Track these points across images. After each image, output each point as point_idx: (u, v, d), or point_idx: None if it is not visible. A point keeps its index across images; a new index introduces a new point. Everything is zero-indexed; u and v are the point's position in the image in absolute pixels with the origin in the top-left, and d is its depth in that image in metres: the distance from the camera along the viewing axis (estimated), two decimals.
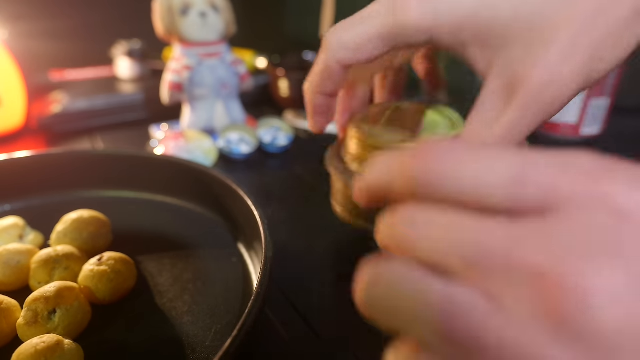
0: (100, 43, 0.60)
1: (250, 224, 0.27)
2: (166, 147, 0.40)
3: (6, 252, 0.25)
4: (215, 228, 0.31)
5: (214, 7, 0.43)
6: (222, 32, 0.44)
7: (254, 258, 0.27)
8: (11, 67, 0.47)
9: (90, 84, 0.54)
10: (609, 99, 0.48)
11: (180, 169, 0.32)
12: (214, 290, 0.26)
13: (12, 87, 0.46)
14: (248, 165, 0.43)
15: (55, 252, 0.25)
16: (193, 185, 0.32)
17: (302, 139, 0.49)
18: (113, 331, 0.23)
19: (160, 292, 0.26)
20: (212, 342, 0.22)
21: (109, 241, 0.29)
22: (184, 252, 0.29)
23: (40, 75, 0.57)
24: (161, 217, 0.33)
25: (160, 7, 0.41)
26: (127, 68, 0.57)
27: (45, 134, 0.48)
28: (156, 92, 0.50)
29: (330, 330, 0.24)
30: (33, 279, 0.25)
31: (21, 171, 0.32)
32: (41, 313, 0.21)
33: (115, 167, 0.34)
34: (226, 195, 0.30)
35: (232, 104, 0.47)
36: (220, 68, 0.44)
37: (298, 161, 0.43)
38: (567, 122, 0.48)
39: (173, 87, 0.44)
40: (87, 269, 0.24)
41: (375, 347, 0.23)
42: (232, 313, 0.24)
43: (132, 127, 0.50)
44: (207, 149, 0.42)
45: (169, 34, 0.42)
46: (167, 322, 0.23)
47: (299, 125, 0.53)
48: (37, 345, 0.19)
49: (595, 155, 0.11)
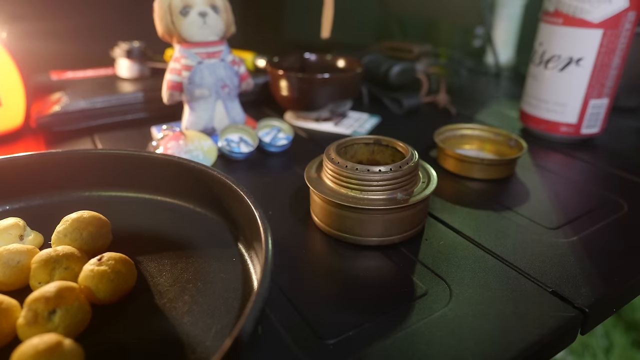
0: (101, 44, 0.60)
1: (250, 224, 0.27)
2: (166, 147, 0.40)
3: (6, 252, 0.25)
4: (215, 228, 0.31)
5: (214, 7, 0.43)
6: (222, 33, 0.44)
7: (254, 258, 0.27)
8: (11, 67, 0.47)
9: (90, 84, 0.54)
10: (609, 99, 0.48)
11: (180, 169, 0.32)
12: (214, 290, 0.26)
13: (12, 87, 0.46)
14: (248, 165, 0.43)
15: (55, 252, 0.25)
16: (193, 185, 0.32)
17: (302, 139, 0.49)
18: (113, 331, 0.23)
19: (160, 292, 0.26)
20: (212, 342, 0.22)
21: (109, 241, 0.29)
22: (184, 252, 0.29)
23: (40, 75, 0.57)
24: (161, 217, 0.33)
25: (160, 7, 0.41)
26: (127, 68, 0.57)
27: (45, 134, 0.49)
28: (156, 92, 0.50)
29: (330, 331, 0.24)
30: (33, 279, 0.25)
31: (21, 171, 0.32)
32: (41, 313, 0.21)
33: (115, 167, 0.34)
34: (226, 195, 0.30)
35: (232, 104, 0.47)
36: (220, 68, 0.44)
37: (298, 161, 0.43)
38: (567, 122, 0.48)
39: (173, 87, 0.44)
40: (87, 269, 0.24)
41: (376, 346, 0.23)
42: (232, 313, 0.24)
43: (132, 127, 0.51)
44: (207, 149, 0.42)
45: (169, 34, 0.42)
46: (167, 322, 0.23)
47: (299, 125, 0.53)
48: (37, 345, 0.19)
49: None
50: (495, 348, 0.23)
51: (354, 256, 0.30)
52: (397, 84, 0.61)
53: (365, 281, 0.27)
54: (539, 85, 0.49)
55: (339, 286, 0.27)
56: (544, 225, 0.34)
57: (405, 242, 0.31)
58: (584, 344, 0.92)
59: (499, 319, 0.25)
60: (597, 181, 0.41)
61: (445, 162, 0.42)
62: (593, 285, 0.27)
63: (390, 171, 0.29)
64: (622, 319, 0.97)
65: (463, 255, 0.30)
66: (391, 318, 0.25)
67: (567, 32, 0.45)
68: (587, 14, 0.44)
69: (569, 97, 0.47)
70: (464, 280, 0.28)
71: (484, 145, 0.46)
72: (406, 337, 0.23)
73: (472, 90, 0.70)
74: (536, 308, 0.25)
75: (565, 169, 0.44)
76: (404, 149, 0.32)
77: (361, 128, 0.52)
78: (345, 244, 0.31)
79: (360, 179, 0.29)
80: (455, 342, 0.23)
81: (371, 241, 0.30)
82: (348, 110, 0.56)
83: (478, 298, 0.26)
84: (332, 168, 0.30)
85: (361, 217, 0.29)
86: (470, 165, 0.40)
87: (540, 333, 0.24)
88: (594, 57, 0.45)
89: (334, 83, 0.49)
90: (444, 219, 0.34)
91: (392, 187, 0.29)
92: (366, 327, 0.24)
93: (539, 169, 0.43)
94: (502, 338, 0.23)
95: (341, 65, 0.56)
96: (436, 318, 0.25)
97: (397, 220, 0.30)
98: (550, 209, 0.36)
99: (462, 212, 0.35)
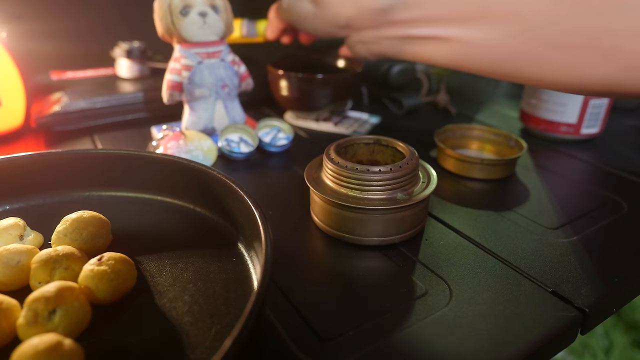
0: (101, 44, 0.60)
1: (250, 224, 0.27)
2: (166, 147, 0.40)
3: (6, 252, 0.25)
4: (215, 228, 0.31)
5: (214, 7, 0.43)
6: (222, 32, 0.44)
7: (254, 258, 0.27)
8: (11, 67, 0.47)
9: (90, 84, 0.54)
10: (609, 99, 0.48)
11: (180, 169, 0.32)
12: (214, 290, 0.26)
13: (12, 87, 0.46)
14: (248, 165, 0.43)
15: (55, 252, 0.25)
16: (193, 185, 0.32)
17: (302, 139, 0.49)
18: (113, 331, 0.23)
19: (160, 292, 0.26)
20: (212, 342, 0.22)
21: (109, 241, 0.29)
22: (184, 252, 0.29)
23: (40, 75, 0.57)
24: (161, 217, 0.33)
25: (160, 7, 0.41)
26: (127, 68, 0.57)
27: (45, 134, 0.48)
28: (156, 92, 0.50)
29: (330, 331, 0.24)
30: (33, 279, 0.25)
31: (21, 171, 0.32)
32: (41, 313, 0.21)
33: (115, 167, 0.34)
34: (226, 195, 0.30)
35: (232, 104, 0.47)
36: (220, 68, 0.44)
37: (298, 161, 0.43)
38: (567, 122, 0.48)
39: (173, 86, 0.44)
40: (87, 269, 0.24)
41: (375, 346, 0.23)
42: (232, 313, 0.24)
43: (132, 127, 0.51)
44: (207, 149, 0.42)
45: (169, 34, 0.42)
46: (167, 322, 0.23)
47: (299, 125, 0.53)
48: (37, 345, 0.19)
49: None
50: (495, 348, 0.23)
51: (354, 256, 0.30)
52: (397, 84, 0.61)
53: (365, 281, 0.27)
54: None
55: (339, 286, 0.27)
56: (544, 225, 0.34)
57: (405, 242, 0.31)
58: (584, 344, 0.92)
59: (499, 319, 0.25)
60: (597, 181, 0.41)
61: (445, 162, 0.42)
62: (593, 285, 0.27)
63: (390, 171, 0.29)
64: (622, 319, 0.97)
65: (463, 255, 0.30)
66: (391, 318, 0.25)
67: None
68: None
69: (569, 97, 0.47)
70: (464, 280, 0.28)
71: (484, 145, 0.46)
72: (406, 337, 0.23)
73: (472, 90, 0.70)
74: (536, 308, 0.25)
75: (565, 169, 0.44)
76: (404, 149, 0.32)
77: (361, 128, 0.52)
78: (345, 244, 0.31)
79: (360, 179, 0.29)
80: (455, 342, 0.23)
81: (371, 241, 0.30)
82: (348, 110, 0.56)
83: (478, 298, 0.26)
84: (332, 168, 0.30)
85: (361, 217, 0.29)
86: (470, 165, 0.40)
87: (540, 333, 0.24)
88: None
89: (334, 83, 0.49)
90: (444, 219, 0.34)
91: (392, 187, 0.29)
92: (366, 327, 0.24)
93: (539, 169, 0.43)
94: (502, 338, 0.23)
95: (341, 65, 0.56)
96: (436, 318, 0.25)
97: (397, 220, 0.30)
98: (550, 209, 0.36)
99: (462, 212, 0.35)
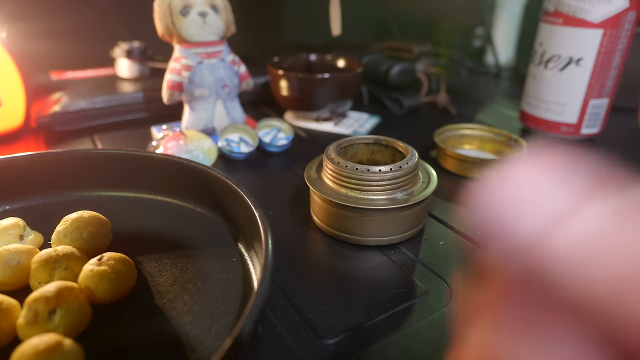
0: (101, 44, 0.60)
1: (250, 224, 0.27)
2: (166, 147, 0.40)
3: (6, 252, 0.25)
4: (215, 228, 0.31)
5: (214, 7, 0.43)
6: (222, 32, 0.44)
7: (254, 258, 0.27)
8: (11, 67, 0.47)
9: (90, 84, 0.54)
10: (609, 99, 0.48)
11: (180, 169, 0.32)
12: (214, 290, 0.26)
13: (12, 87, 0.46)
14: (248, 165, 0.43)
15: (55, 252, 0.25)
16: (193, 185, 0.32)
17: (302, 139, 0.49)
18: (113, 331, 0.23)
19: (160, 292, 0.26)
20: (212, 342, 0.22)
21: (109, 241, 0.29)
22: (184, 252, 0.29)
23: (40, 75, 0.57)
24: (161, 217, 0.33)
25: (160, 7, 0.41)
26: (127, 68, 0.57)
27: (45, 134, 0.48)
28: (156, 92, 0.50)
29: (330, 331, 0.24)
30: (33, 279, 0.25)
31: (21, 171, 0.32)
32: (41, 313, 0.21)
33: (115, 167, 0.34)
34: (226, 195, 0.30)
35: (232, 104, 0.47)
36: (220, 68, 0.44)
37: (298, 161, 0.43)
38: (567, 122, 0.48)
39: (173, 86, 0.44)
40: (87, 269, 0.24)
41: (376, 346, 0.23)
42: (232, 313, 0.24)
43: (132, 127, 0.51)
44: (207, 149, 0.42)
45: (169, 34, 0.42)
46: (167, 322, 0.23)
47: (299, 125, 0.53)
48: (37, 345, 0.19)
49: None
50: None
51: (354, 256, 0.30)
52: (397, 84, 0.61)
53: (365, 281, 0.27)
54: (539, 85, 0.49)
55: (339, 286, 0.27)
56: None
57: (405, 242, 0.31)
58: None
59: None
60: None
61: (445, 162, 0.42)
62: None
63: (390, 171, 0.29)
64: None
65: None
66: (391, 318, 0.25)
67: (567, 32, 0.45)
68: (587, 14, 0.44)
69: (569, 97, 0.47)
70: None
71: (484, 145, 0.46)
72: (406, 337, 0.23)
73: (472, 90, 0.70)
74: None
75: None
76: (404, 149, 0.32)
77: (361, 128, 0.52)
78: (345, 244, 0.31)
79: (360, 179, 0.29)
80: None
81: (371, 241, 0.30)
82: (348, 110, 0.56)
83: None
84: (332, 168, 0.30)
85: (361, 217, 0.29)
86: (470, 165, 0.40)
87: None
88: (594, 57, 0.45)
89: (334, 83, 0.49)
90: (444, 219, 0.34)
91: (392, 187, 0.29)
92: (366, 327, 0.24)
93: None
94: None
95: (341, 65, 0.56)
96: (436, 318, 0.25)
97: (397, 220, 0.30)
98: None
99: (462, 212, 0.35)
